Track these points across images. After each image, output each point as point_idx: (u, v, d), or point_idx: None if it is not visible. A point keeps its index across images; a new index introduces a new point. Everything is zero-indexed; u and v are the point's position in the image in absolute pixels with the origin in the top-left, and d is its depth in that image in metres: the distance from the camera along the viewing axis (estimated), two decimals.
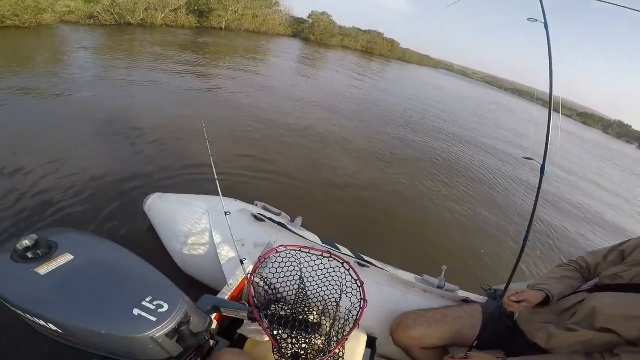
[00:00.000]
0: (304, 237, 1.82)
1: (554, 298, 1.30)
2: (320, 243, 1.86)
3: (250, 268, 1.54)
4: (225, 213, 1.59)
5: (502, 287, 1.74)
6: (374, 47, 33.57)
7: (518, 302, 1.30)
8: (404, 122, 8.87)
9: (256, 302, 1.15)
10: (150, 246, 2.28)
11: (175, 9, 16.18)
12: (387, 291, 1.77)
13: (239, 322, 1.31)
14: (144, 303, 0.79)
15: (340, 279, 1.28)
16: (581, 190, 8.15)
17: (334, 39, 28.85)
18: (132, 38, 10.99)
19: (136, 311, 0.77)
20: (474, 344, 1.41)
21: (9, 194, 2.63)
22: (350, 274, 1.26)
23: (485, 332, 1.48)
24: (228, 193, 2.02)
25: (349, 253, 1.90)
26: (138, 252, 0.97)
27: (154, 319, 0.77)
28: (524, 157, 1.42)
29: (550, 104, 1.26)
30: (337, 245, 1.95)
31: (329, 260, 1.29)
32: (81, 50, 7.93)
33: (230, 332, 1.38)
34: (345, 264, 1.27)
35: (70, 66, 6.40)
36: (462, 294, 1.81)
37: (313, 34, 27.28)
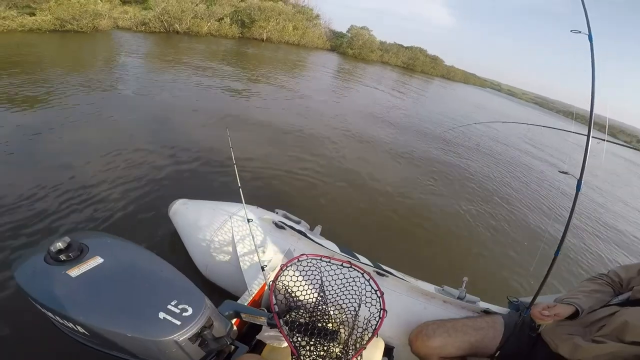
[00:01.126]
0: (323, 246, 1.80)
1: (583, 312, 1.28)
2: (339, 252, 1.84)
3: (272, 275, 1.54)
4: (248, 220, 1.60)
5: (526, 298, 1.69)
6: (415, 64, 32.37)
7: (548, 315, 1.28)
8: (438, 135, 8.70)
9: (277, 308, 1.15)
10: (174, 251, 2.32)
11: (220, 19, 16.85)
12: (406, 301, 1.73)
13: (257, 328, 1.31)
14: (169, 307, 0.79)
15: (360, 289, 1.26)
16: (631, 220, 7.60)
17: (373, 54, 28.31)
18: (181, 46, 11.53)
19: (162, 314, 0.78)
20: (496, 354, 1.37)
21: (37, 196, 2.73)
22: (370, 284, 1.24)
23: (507, 344, 1.45)
24: (250, 199, 2.04)
25: (368, 262, 1.88)
26: (161, 256, 0.98)
27: (179, 323, 0.78)
28: (559, 171, 1.39)
29: (590, 119, 1.24)
30: (355, 254, 1.93)
31: (349, 270, 1.27)
32: (134, 56, 8.44)
33: (249, 337, 1.38)
34: (365, 274, 1.26)
35: (120, 70, 6.80)
36: (483, 305, 1.76)
37: (351, 47, 26.85)
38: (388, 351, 1.58)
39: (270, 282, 1.15)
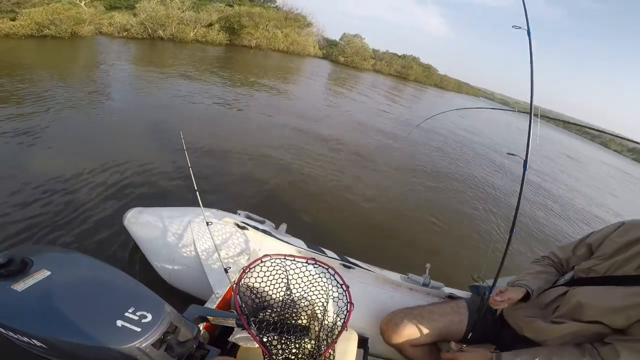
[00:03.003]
0: (289, 243, 1.82)
1: (533, 293, 1.35)
2: (306, 248, 1.86)
3: (235, 278, 1.54)
4: (207, 223, 1.58)
5: (488, 282, 1.77)
6: (408, 72, 32.41)
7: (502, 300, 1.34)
8: (405, 133, 8.96)
9: (244, 310, 1.15)
10: (134, 260, 2.27)
11: (209, 25, 16.63)
12: (374, 291, 1.79)
13: (231, 331, 1.30)
14: (126, 314, 0.79)
15: (326, 284, 1.30)
16: None
17: (365, 63, 28.31)
18: (162, 52, 11.39)
19: (119, 322, 0.77)
20: (469, 336, 1.44)
21: None
22: (335, 279, 1.28)
23: (474, 328, 1.51)
24: (210, 203, 2.02)
25: (335, 256, 1.91)
26: (121, 266, 0.96)
27: (139, 329, 0.77)
28: (508, 153, 1.48)
29: (530, 108, 1.37)
30: (322, 249, 1.96)
31: (314, 267, 1.30)
32: (107, 63, 8.17)
33: (223, 341, 1.37)
34: (330, 269, 1.29)
35: (87, 78, 6.52)
36: (447, 290, 1.85)
37: (343, 55, 26.79)
38: (363, 342, 1.62)
39: (234, 285, 1.15)
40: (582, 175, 13.18)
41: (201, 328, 1.32)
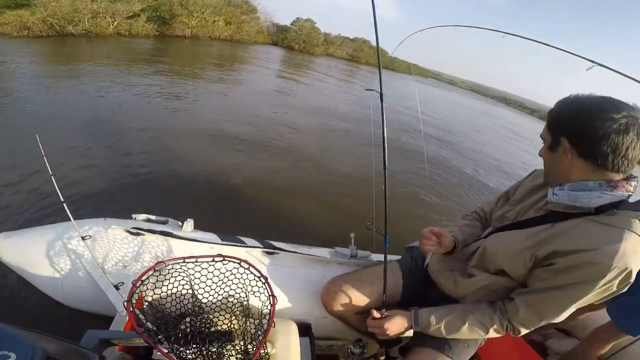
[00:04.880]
0: (197, 241, 1.71)
1: (459, 245, 1.38)
2: (220, 242, 1.77)
3: (126, 294, 1.41)
4: (84, 238, 1.43)
5: (415, 244, 1.83)
6: (360, 55, 34.04)
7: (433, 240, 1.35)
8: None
9: (146, 327, 1.05)
10: (18, 289, 2.04)
11: (130, 17, 15.21)
12: (305, 274, 1.78)
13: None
14: None
15: (242, 279, 1.24)
16: None
17: (318, 48, 29.12)
18: (69, 53, 9.95)
19: None
20: (384, 298, 1.45)
21: None
22: (251, 272, 1.21)
23: (408, 288, 1.58)
24: (95, 212, 1.87)
25: (257, 244, 1.85)
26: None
27: None
28: (366, 89, 1.47)
29: (377, 50, 1.40)
30: (241, 238, 1.88)
31: (223, 264, 1.22)
32: None
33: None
34: (243, 263, 1.22)
35: None
36: (376, 257, 1.91)
37: (296, 42, 27.40)
38: (306, 329, 1.59)
39: (125, 302, 1.04)
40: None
41: (116, 351, 1.20)
